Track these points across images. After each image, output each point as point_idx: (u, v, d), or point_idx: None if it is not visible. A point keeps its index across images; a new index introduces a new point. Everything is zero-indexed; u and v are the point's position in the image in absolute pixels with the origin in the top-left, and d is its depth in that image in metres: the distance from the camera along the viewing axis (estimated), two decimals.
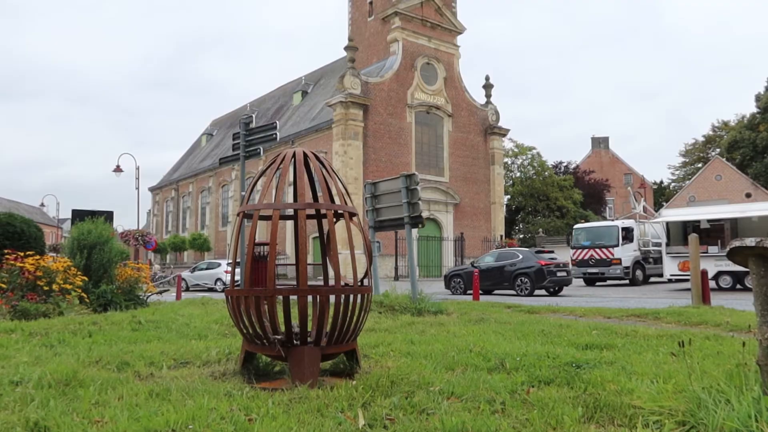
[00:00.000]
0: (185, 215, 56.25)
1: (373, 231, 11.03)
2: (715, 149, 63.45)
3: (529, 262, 18.85)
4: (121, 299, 10.01)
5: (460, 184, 39.57)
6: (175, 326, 7.07)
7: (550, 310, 10.18)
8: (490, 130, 41.74)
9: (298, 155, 4.13)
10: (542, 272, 18.24)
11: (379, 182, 11.08)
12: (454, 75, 40.36)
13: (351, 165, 34.30)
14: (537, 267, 18.41)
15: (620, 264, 23.87)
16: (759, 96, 54.24)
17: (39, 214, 68.36)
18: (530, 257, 19.09)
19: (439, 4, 39.36)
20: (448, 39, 40.32)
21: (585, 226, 27.33)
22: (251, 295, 3.99)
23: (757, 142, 52.78)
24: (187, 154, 64.73)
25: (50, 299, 8.67)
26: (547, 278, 18.30)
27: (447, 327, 7.23)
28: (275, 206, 3.98)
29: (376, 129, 35.83)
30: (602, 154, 70.62)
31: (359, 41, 38.49)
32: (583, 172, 57.68)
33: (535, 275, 18.28)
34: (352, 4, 41.47)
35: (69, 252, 10.42)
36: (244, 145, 12.39)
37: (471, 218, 39.98)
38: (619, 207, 63.56)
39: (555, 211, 50.79)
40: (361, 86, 35.21)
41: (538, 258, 18.95)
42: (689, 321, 7.95)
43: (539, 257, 19.05)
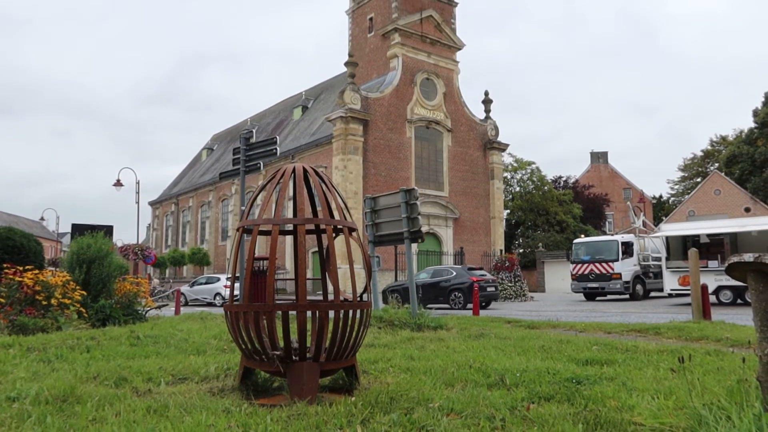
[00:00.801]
0: (185, 229, 56.22)
1: (373, 246, 11.02)
2: (713, 164, 63.60)
3: (462, 278, 20.45)
4: (119, 314, 9.98)
5: (459, 198, 39.62)
6: (174, 341, 7.04)
7: (550, 325, 10.15)
8: (489, 145, 41.88)
9: (297, 171, 4.15)
10: (474, 288, 19.46)
11: (378, 197, 11.09)
12: (453, 90, 40.58)
13: (351, 179, 34.36)
14: (469, 283, 19.87)
15: (620, 279, 23.83)
16: (756, 111, 54.49)
17: (39, 228, 68.34)
18: (463, 274, 20.72)
19: (438, 20, 39.69)
20: (448, 55, 40.60)
21: (585, 240, 27.34)
22: (250, 310, 3.98)
23: (755, 156, 52.94)
24: (188, 168, 64.87)
25: (49, 314, 8.64)
26: (480, 293, 19.88)
27: (447, 342, 7.20)
28: (275, 221, 3.98)
29: (375, 144, 35.95)
30: (601, 168, 70.77)
31: (359, 57, 38.76)
32: (583, 187, 57.77)
33: (467, 290, 19.65)
34: (353, 20, 41.81)
35: (68, 266, 10.41)
36: (245, 160, 12.42)
37: (471, 233, 39.97)
38: (619, 221, 63.55)
39: (555, 226, 50.79)
40: (361, 101, 35.39)
41: (470, 275, 20.59)
42: (690, 336, 7.92)
43: (471, 274, 20.70)
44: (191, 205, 55.04)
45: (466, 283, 20.09)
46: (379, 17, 39.29)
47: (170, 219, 59.54)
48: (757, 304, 2.63)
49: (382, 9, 39.11)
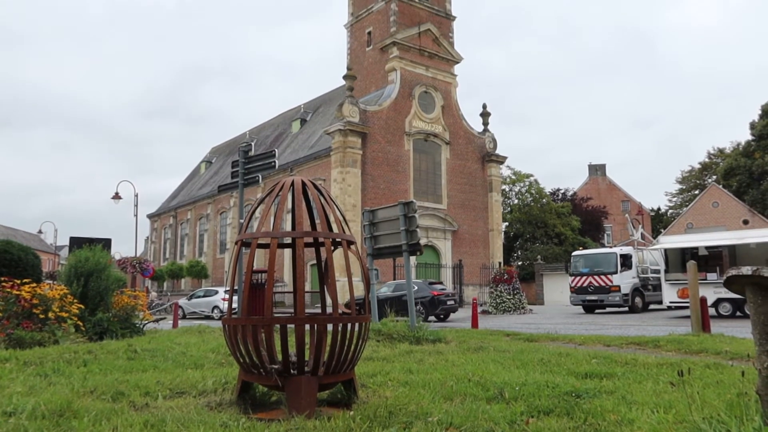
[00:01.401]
0: (183, 242, 56.14)
1: (372, 258, 11.01)
2: (711, 176, 63.79)
3: (423, 292, 20.89)
4: (117, 327, 9.94)
5: (458, 211, 39.66)
6: (172, 355, 7.00)
7: (549, 338, 10.12)
8: (487, 158, 42.00)
9: (296, 184, 4.16)
10: (434, 301, 20.56)
11: (377, 210, 11.10)
12: (451, 103, 40.77)
13: (349, 192, 34.40)
14: (430, 297, 20.59)
15: (619, 291, 23.79)
16: (753, 124, 54.80)
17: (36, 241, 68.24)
18: (424, 288, 21.24)
19: (436, 34, 39.97)
20: (446, 68, 40.84)
21: (583, 253, 27.32)
22: (248, 323, 3.97)
23: (753, 169, 53.14)
24: (186, 181, 64.91)
25: (46, 327, 8.60)
26: (439, 307, 20.50)
27: (445, 356, 7.17)
28: (273, 235, 3.99)
29: (374, 156, 36.03)
30: (599, 181, 70.93)
31: (358, 70, 38.96)
32: (581, 199, 57.85)
33: (428, 304, 20.28)
34: (351, 34, 42.09)
35: (66, 279, 10.38)
36: (243, 173, 12.44)
37: (469, 245, 39.96)
38: (617, 234, 63.60)
39: (553, 238, 50.79)
40: (360, 114, 35.53)
41: (431, 289, 21.18)
42: (689, 349, 7.90)
43: (432, 288, 21.29)
44: (189, 218, 55.01)
45: (427, 297, 20.71)
46: (378, 31, 39.55)
47: (168, 232, 59.48)
48: (756, 317, 2.64)
49: (381, 23, 39.39)
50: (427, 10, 40.18)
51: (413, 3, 39.44)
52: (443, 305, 20.89)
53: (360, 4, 41.45)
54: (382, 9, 39.38)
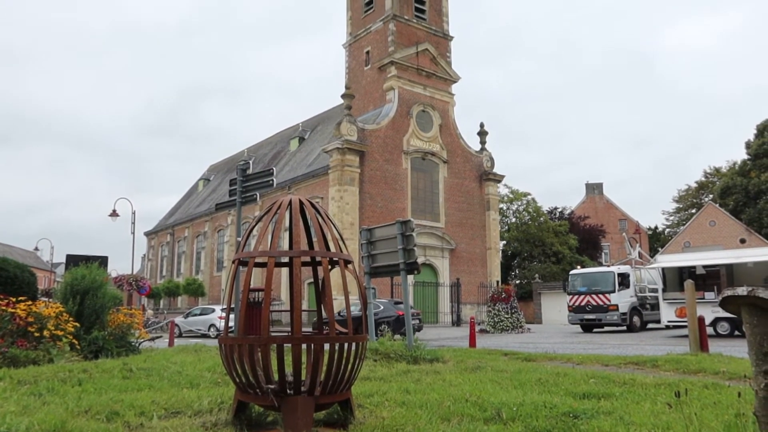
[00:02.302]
0: (180, 260, 55.98)
1: (369, 277, 10.99)
2: (708, 195, 64.03)
3: (389, 311, 21.43)
4: (112, 346, 9.87)
5: (455, 229, 39.68)
6: (167, 374, 6.95)
7: (547, 357, 10.08)
8: (485, 176, 42.14)
9: (294, 203, 4.17)
10: (400, 320, 20.62)
11: (374, 228, 11.11)
12: (449, 122, 41.01)
13: (347, 210, 34.43)
14: (396, 316, 20.90)
15: (617, 310, 23.73)
16: (749, 143, 55.17)
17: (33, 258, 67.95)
18: (390, 307, 21.75)
19: (434, 54, 40.34)
20: (443, 87, 41.15)
21: (581, 271, 27.29)
22: (245, 343, 3.96)
23: (749, 188, 53.38)
24: (184, 198, 64.93)
25: (41, 346, 8.54)
26: (404, 326, 20.17)
27: (443, 375, 7.13)
28: (270, 254, 3.99)
29: (372, 175, 36.13)
30: (596, 200, 71.13)
31: (356, 89, 39.23)
32: (578, 218, 57.96)
33: (394, 323, 20.58)
34: (350, 53, 42.45)
35: (61, 297, 10.33)
36: (241, 191, 12.46)
37: (467, 264, 39.91)
38: (615, 252, 63.59)
39: (551, 257, 50.79)
40: (358, 133, 35.70)
41: (397, 308, 21.41)
42: (687, 369, 7.87)
43: (397, 308, 21.47)
44: (187, 236, 54.92)
45: (392, 316, 21.10)
46: (376, 51, 39.91)
47: (165, 249, 59.34)
48: (752, 338, 2.64)
49: (379, 43, 39.76)
50: (424, 31, 40.59)
51: (411, 23, 39.86)
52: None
53: (358, 24, 41.88)
54: (380, 29, 39.78)
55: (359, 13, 41.94)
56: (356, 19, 42.21)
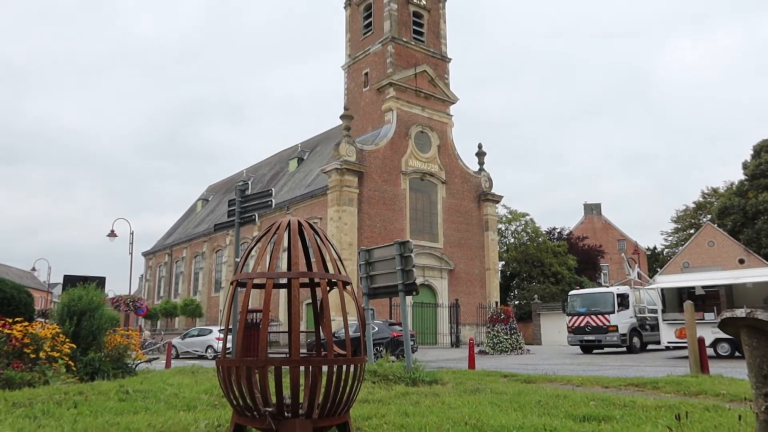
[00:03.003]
0: (178, 280, 55.77)
1: (367, 298, 10.96)
2: (706, 215, 64.16)
3: (384, 333, 21.48)
4: (109, 367, 9.80)
5: (454, 250, 39.64)
6: (164, 396, 6.89)
7: (546, 379, 10.01)
8: (483, 197, 42.23)
9: (292, 224, 4.18)
10: (395, 342, 20.81)
11: (373, 249, 11.11)
12: (447, 143, 41.22)
13: (345, 231, 34.42)
14: (390, 337, 21.04)
15: (617, 331, 23.62)
16: (746, 164, 55.46)
17: (30, 279, 67.71)
18: (384, 329, 21.83)
19: (432, 75, 40.70)
20: (442, 108, 41.44)
21: (580, 292, 27.23)
22: (242, 365, 3.93)
23: (747, 208, 53.51)
24: (182, 219, 64.91)
25: (36, 367, 8.48)
26: (399, 347, 20.59)
27: (442, 398, 7.07)
28: (269, 275, 3.99)
29: (370, 195, 36.21)
30: (595, 220, 71.21)
31: (355, 110, 39.50)
32: (577, 238, 57.96)
33: (389, 344, 20.64)
34: (348, 75, 42.82)
35: (58, 318, 10.28)
36: (240, 212, 12.47)
37: (466, 284, 39.80)
38: (614, 273, 63.48)
39: (550, 277, 50.68)
40: (357, 154, 35.85)
41: (392, 330, 21.62)
42: (688, 391, 7.82)
43: (392, 329, 21.70)
44: (185, 256, 54.79)
45: (387, 338, 21.13)
46: (375, 72, 40.27)
47: (163, 270, 59.15)
48: (751, 360, 2.63)
49: (378, 64, 40.14)
50: (423, 53, 41.01)
51: (409, 45, 40.29)
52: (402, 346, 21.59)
53: (357, 46, 42.31)
54: (378, 51, 40.19)
55: (358, 35, 42.42)
56: (355, 41, 42.67)
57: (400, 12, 40.38)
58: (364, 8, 42.40)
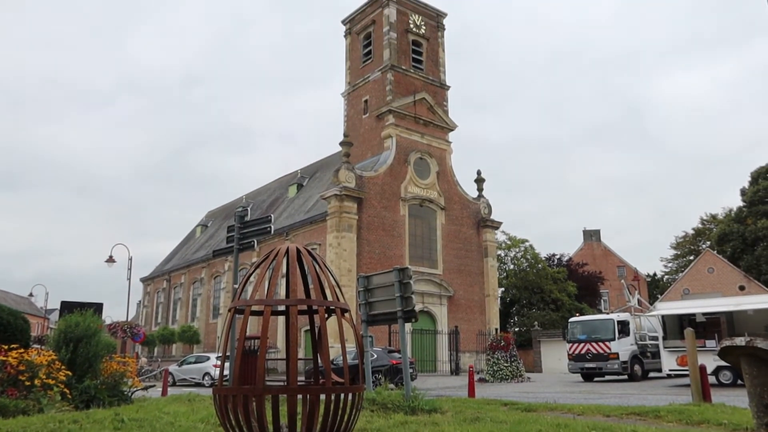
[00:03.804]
0: (176, 306, 55.44)
1: (366, 325, 10.89)
2: (705, 242, 64.13)
3: (383, 360, 21.38)
4: (104, 395, 9.69)
5: (453, 276, 39.52)
6: (159, 425, 6.80)
7: (547, 407, 9.89)
8: (482, 223, 42.26)
9: (291, 251, 4.18)
10: (394, 369, 20.56)
11: (372, 276, 11.08)
12: (446, 169, 41.42)
13: (345, 257, 34.35)
14: (389, 365, 20.89)
15: (618, 358, 23.43)
16: (744, 190, 55.64)
17: (27, 305, 67.37)
18: (384, 356, 21.74)
19: (431, 103, 41.10)
20: (440, 135, 41.75)
21: (580, 319, 27.08)
22: (239, 393, 3.89)
23: (746, 234, 53.49)
24: (181, 244, 64.84)
25: (31, 395, 8.38)
26: (398, 375, 20.49)
27: (441, 427, 6.98)
28: (267, 302, 3.97)
29: (370, 221, 36.24)
30: (594, 246, 71.18)
31: (354, 137, 39.77)
32: (576, 265, 57.84)
33: (388, 372, 20.38)
34: (348, 102, 43.24)
35: (54, 345, 10.20)
36: (239, 238, 12.47)
37: (465, 311, 39.59)
38: (614, 299, 63.22)
39: (550, 304, 50.43)
40: (356, 180, 35.99)
41: (390, 357, 21.50)
42: (690, 420, 7.73)
43: (391, 356, 21.58)
44: (183, 282, 54.57)
45: (386, 365, 20.99)
46: (374, 99, 40.67)
47: (161, 296, 58.86)
48: (752, 389, 2.61)
49: (377, 92, 40.56)
50: (422, 80, 41.48)
51: (408, 73, 40.76)
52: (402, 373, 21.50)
53: (357, 74, 42.81)
54: (378, 79, 40.65)
55: (358, 63, 42.95)
56: (355, 69, 43.20)
57: (400, 41, 40.96)
58: (364, 37, 43.02)
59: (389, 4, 40.93)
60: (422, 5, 43.30)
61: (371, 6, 42.59)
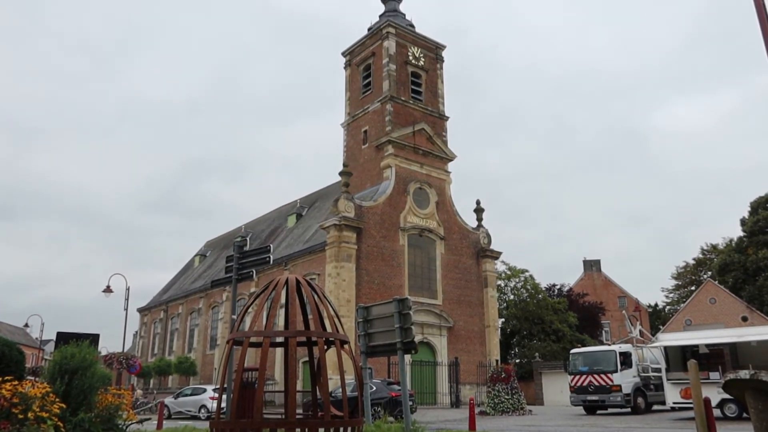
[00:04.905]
0: (173, 337, 54.92)
1: (365, 357, 10.78)
2: (706, 272, 63.93)
3: (382, 392, 21.11)
4: (99, 428, 9.51)
5: (453, 306, 39.27)
6: None
7: None
8: (482, 253, 42.18)
9: (291, 282, 4.16)
10: (393, 402, 20.39)
11: (371, 306, 11.01)
12: (445, 199, 41.52)
13: (344, 287, 34.18)
14: (389, 397, 20.72)
15: (620, 391, 23.13)
16: (744, 220, 55.71)
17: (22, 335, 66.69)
18: (383, 388, 21.52)
19: (430, 133, 41.43)
20: (440, 165, 41.97)
21: (582, 351, 26.82)
22: (237, 428, 3.82)
23: (747, 265, 53.37)
24: (179, 274, 64.55)
25: (24, 428, 8.22)
26: (397, 408, 20.08)
27: None
28: (265, 334, 3.93)
29: (369, 251, 36.17)
30: (594, 276, 70.93)
31: (353, 167, 39.98)
32: (577, 295, 57.54)
33: (387, 404, 20.27)
34: (348, 132, 43.60)
35: (49, 377, 10.05)
36: (237, 268, 12.42)
37: (465, 342, 39.22)
38: (616, 330, 62.77)
39: (551, 335, 49.98)
40: (355, 210, 36.05)
41: (390, 389, 21.32)
42: None
43: (390, 388, 21.41)
44: (180, 312, 54.17)
45: (385, 398, 20.74)
46: (373, 130, 41.00)
47: (158, 326, 58.35)
48: (758, 423, 2.57)
49: (376, 122, 40.93)
50: (421, 111, 41.89)
51: (408, 104, 41.19)
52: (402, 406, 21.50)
53: (356, 105, 43.27)
54: (377, 109, 41.06)
55: (357, 94, 43.45)
56: (354, 99, 43.68)
57: (399, 72, 41.50)
58: (364, 68, 43.61)
59: (389, 36, 41.59)
60: (421, 38, 44.01)
61: (371, 38, 43.29)
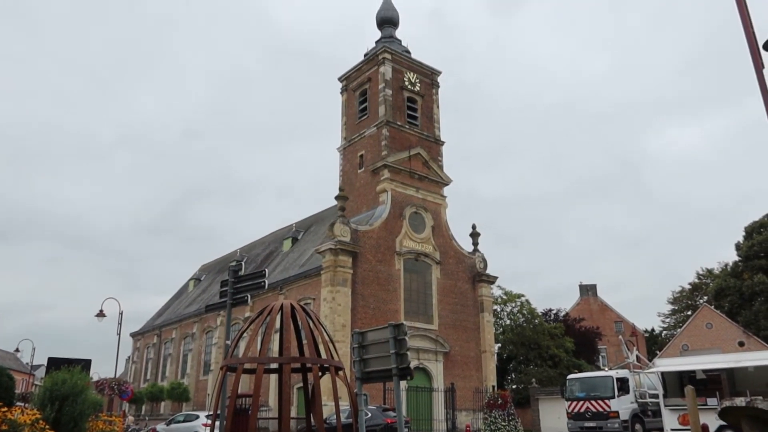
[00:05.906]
0: (166, 362, 54.26)
1: (360, 383, 10.67)
2: (702, 297, 63.83)
3: (377, 419, 21.04)
4: None
5: (449, 331, 39.02)
6: None
7: None
8: (478, 278, 42.08)
9: (285, 308, 4.14)
10: (389, 429, 20.33)
11: (366, 332, 10.93)
12: (441, 224, 41.56)
13: (339, 311, 33.97)
14: (384, 424, 20.62)
15: (618, 417, 22.91)
16: (739, 245, 55.82)
17: (12, 360, 65.76)
18: (378, 415, 21.44)
19: (426, 158, 41.64)
20: (435, 190, 42.10)
21: (579, 376, 26.63)
22: None
23: (743, 289, 53.32)
24: (174, 299, 64.07)
25: None
26: None
27: None
28: (259, 360, 3.89)
29: (365, 276, 36.04)
30: (591, 301, 70.74)
31: (349, 191, 40.07)
32: (573, 320, 57.27)
33: (382, 431, 20.20)
34: (344, 156, 43.80)
35: (39, 403, 9.92)
36: (232, 293, 12.35)
37: (462, 367, 38.90)
38: (612, 355, 62.39)
39: (547, 360, 49.59)
40: (351, 234, 36.02)
41: (385, 416, 21.23)
42: None
43: (386, 415, 21.31)
44: (174, 337, 53.64)
45: (381, 425, 20.61)
46: (369, 154, 41.20)
47: (151, 351, 57.70)
48: None
49: (372, 147, 41.15)
50: (417, 136, 42.16)
51: (403, 129, 41.48)
52: None
53: (353, 129, 43.55)
54: (373, 134, 41.32)
55: (354, 119, 43.77)
56: (350, 124, 43.98)
57: (395, 97, 41.89)
58: (360, 93, 44.01)
59: (385, 62, 42.06)
60: (417, 64, 44.51)
61: (367, 64, 43.76)
